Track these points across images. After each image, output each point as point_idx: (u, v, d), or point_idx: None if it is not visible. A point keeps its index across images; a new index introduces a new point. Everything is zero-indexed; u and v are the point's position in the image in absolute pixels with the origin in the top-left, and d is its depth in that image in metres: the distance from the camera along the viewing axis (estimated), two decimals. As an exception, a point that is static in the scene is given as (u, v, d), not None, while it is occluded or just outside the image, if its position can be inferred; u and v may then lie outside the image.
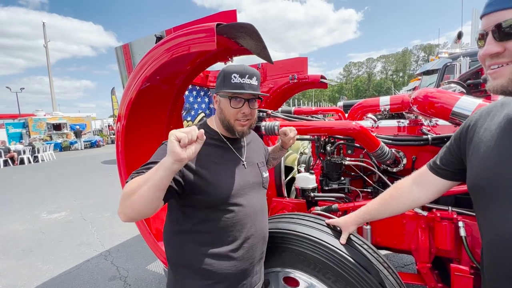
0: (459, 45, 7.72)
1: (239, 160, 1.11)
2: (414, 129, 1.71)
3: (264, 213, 1.17)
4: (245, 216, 1.05)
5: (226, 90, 1.00)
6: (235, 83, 0.99)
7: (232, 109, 1.02)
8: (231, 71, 1.01)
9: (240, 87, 0.99)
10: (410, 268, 2.74)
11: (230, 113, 1.04)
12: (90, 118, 24.70)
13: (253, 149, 1.22)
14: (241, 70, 1.01)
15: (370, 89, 74.41)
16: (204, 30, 1.14)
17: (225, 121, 1.06)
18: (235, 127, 1.05)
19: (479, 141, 0.72)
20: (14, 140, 17.56)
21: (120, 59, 2.15)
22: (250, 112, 1.05)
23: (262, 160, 1.25)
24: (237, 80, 0.99)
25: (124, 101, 1.60)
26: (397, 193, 0.99)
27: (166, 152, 0.80)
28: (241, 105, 1.02)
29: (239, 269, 1.03)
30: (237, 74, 0.99)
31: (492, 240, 0.65)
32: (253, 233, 1.07)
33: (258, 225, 1.10)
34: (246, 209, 1.05)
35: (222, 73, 1.04)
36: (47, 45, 28.70)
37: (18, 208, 5.78)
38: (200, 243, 1.00)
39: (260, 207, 1.13)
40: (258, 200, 1.13)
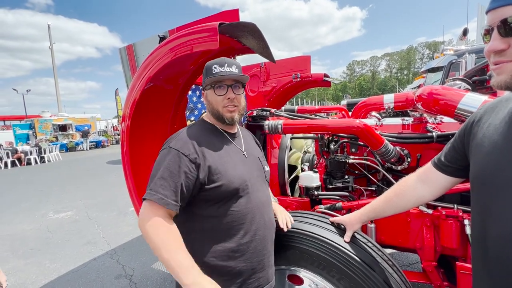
0: (464, 42, 7.62)
1: (240, 151, 1.15)
2: (419, 126, 1.70)
3: (270, 205, 1.20)
4: (254, 207, 1.07)
5: (208, 79, 1.05)
6: (216, 73, 1.05)
7: (217, 97, 1.07)
8: (211, 63, 1.07)
9: (220, 74, 1.05)
10: (415, 267, 2.72)
11: (216, 101, 1.08)
12: (95, 119, 24.94)
13: (249, 143, 1.25)
14: (220, 61, 1.07)
15: (374, 87, 73.83)
16: (207, 30, 1.15)
17: (214, 111, 1.10)
18: (224, 114, 1.09)
19: (483, 136, 0.71)
20: (21, 141, 17.83)
21: (124, 60, 2.17)
22: (235, 97, 1.08)
23: (262, 155, 1.28)
24: (218, 69, 1.05)
25: (128, 102, 1.62)
26: (401, 190, 0.98)
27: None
28: (225, 92, 1.06)
29: (254, 261, 1.05)
30: (216, 65, 1.05)
31: (499, 235, 0.64)
32: (263, 224, 1.09)
33: (267, 215, 1.13)
34: (254, 200, 1.07)
35: (204, 69, 1.10)
36: (52, 47, 29.04)
37: (25, 208, 5.87)
38: (211, 241, 1.01)
39: (266, 200, 1.16)
40: (263, 193, 1.15)
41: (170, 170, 0.96)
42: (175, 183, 0.95)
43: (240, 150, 1.15)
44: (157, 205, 0.93)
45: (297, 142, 2.38)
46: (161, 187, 0.94)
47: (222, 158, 1.05)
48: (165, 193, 0.94)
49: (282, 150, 2.03)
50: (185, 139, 1.03)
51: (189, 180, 0.96)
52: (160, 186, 0.94)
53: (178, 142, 1.01)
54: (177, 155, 0.98)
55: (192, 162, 0.98)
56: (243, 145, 1.18)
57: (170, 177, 0.95)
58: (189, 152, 0.99)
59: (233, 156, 1.09)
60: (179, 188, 0.95)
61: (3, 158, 12.80)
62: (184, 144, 1.00)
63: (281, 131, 1.74)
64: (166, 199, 0.93)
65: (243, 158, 1.13)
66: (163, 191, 0.94)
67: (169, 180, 0.95)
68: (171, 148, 1.00)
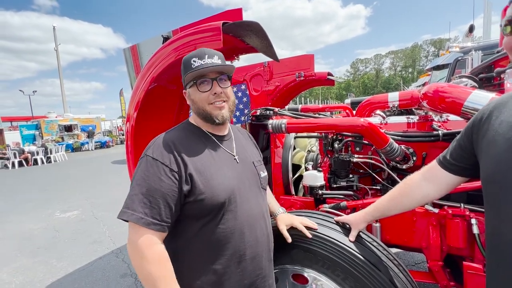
0: (470, 38, 7.51)
1: (230, 155, 1.01)
2: (424, 125, 1.68)
3: (264, 218, 1.05)
4: (243, 222, 0.94)
5: (189, 75, 0.93)
6: (196, 67, 0.92)
7: (202, 94, 0.94)
8: (189, 57, 0.95)
9: (202, 68, 0.92)
10: (421, 267, 2.69)
11: (201, 99, 0.95)
12: (99, 119, 25.19)
13: (244, 145, 1.12)
14: (198, 53, 0.95)
15: (378, 85, 73.23)
16: (210, 29, 1.15)
17: (200, 111, 0.97)
18: (212, 113, 0.95)
19: (496, 133, 0.68)
20: (27, 141, 18.11)
21: (128, 60, 2.19)
22: (222, 91, 0.95)
23: (258, 159, 1.15)
24: (198, 63, 0.93)
25: (132, 102, 1.63)
26: (406, 189, 0.97)
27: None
28: (210, 86, 0.94)
29: (245, 284, 0.95)
30: (195, 58, 0.93)
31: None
32: (254, 240, 0.96)
33: (259, 231, 0.99)
34: (243, 215, 0.95)
35: (182, 65, 0.98)
36: (57, 48, 29.38)
37: (32, 207, 5.96)
38: (196, 264, 0.91)
39: (259, 212, 1.02)
40: (256, 204, 1.02)
41: (149, 182, 0.84)
42: (155, 198, 0.83)
43: (231, 155, 1.01)
44: (138, 226, 0.82)
45: (301, 141, 2.37)
46: (139, 204, 0.82)
47: (206, 166, 0.91)
48: (145, 211, 0.82)
49: (286, 149, 2.02)
50: (164, 145, 0.91)
51: (172, 194, 0.85)
52: (139, 203, 0.83)
53: (156, 149, 0.89)
54: (155, 164, 0.86)
55: (173, 171, 0.86)
56: (235, 148, 1.04)
57: (149, 191, 0.83)
58: (169, 161, 0.87)
59: (221, 163, 0.96)
60: (162, 203, 0.83)
61: (10, 159, 13.01)
62: (162, 151, 0.89)
63: (284, 130, 1.73)
64: (146, 218, 0.81)
65: (233, 164, 1.00)
66: (142, 209, 0.82)
67: (148, 195, 0.83)
68: (148, 157, 0.88)
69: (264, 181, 1.10)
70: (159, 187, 0.83)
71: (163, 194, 0.83)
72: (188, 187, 0.86)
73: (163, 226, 0.84)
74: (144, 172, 0.86)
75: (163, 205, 0.83)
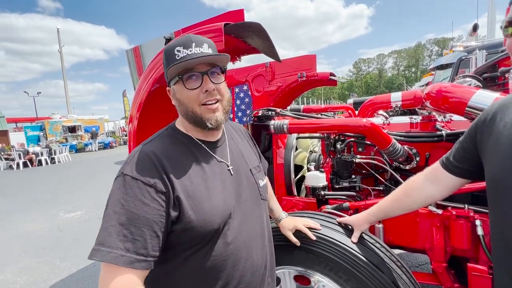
0: (474, 37, 7.45)
1: (224, 166, 0.85)
2: (428, 125, 1.67)
3: (264, 237, 0.91)
4: (238, 247, 0.80)
5: (172, 68, 0.75)
6: (181, 58, 0.74)
7: (190, 92, 0.76)
8: (173, 46, 0.76)
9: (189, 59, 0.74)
10: (425, 268, 2.67)
11: (190, 98, 0.76)
12: (103, 120, 25.42)
13: (240, 148, 0.96)
14: (184, 41, 0.76)
15: (381, 85, 72.93)
16: (212, 30, 1.16)
17: (189, 114, 0.78)
18: (204, 116, 0.77)
19: (500, 136, 0.67)
20: (32, 142, 18.31)
21: (131, 62, 2.20)
22: (215, 87, 0.77)
23: (257, 164, 0.98)
24: (183, 53, 0.74)
25: (135, 103, 1.64)
26: (409, 190, 0.97)
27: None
28: (200, 83, 0.76)
29: None
30: (180, 47, 0.75)
31: None
32: (250, 266, 0.82)
33: (256, 255, 0.85)
34: (238, 239, 0.80)
35: (163, 56, 0.79)
36: (61, 50, 29.67)
37: (37, 208, 6.02)
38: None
39: (257, 230, 0.88)
40: (255, 221, 0.88)
41: (129, 209, 0.66)
42: (138, 227, 0.66)
43: (225, 165, 0.85)
44: (115, 267, 0.64)
45: (303, 142, 2.36)
46: (118, 237, 0.64)
47: (197, 185, 0.75)
48: (126, 245, 0.64)
49: (288, 150, 2.02)
50: (145, 159, 0.72)
51: (160, 220, 0.68)
52: (117, 236, 0.64)
53: (136, 166, 0.71)
54: (136, 185, 0.68)
55: (159, 192, 0.69)
56: (229, 155, 0.88)
57: (131, 220, 0.66)
58: (153, 180, 0.69)
59: (214, 180, 0.80)
60: (147, 234, 0.66)
61: (15, 159, 13.15)
62: (143, 167, 0.71)
63: (286, 131, 1.73)
64: (128, 255, 0.64)
65: (227, 177, 0.83)
66: (122, 244, 0.64)
67: (129, 225, 0.65)
68: (126, 176, 0.70)
69: (264, 190, 0.96)
70: (143, 213, 0.66)
71: (149, 222, 0.67)
72: (176, 213, 0.71)
73: (149, 263, 0.67)
74: (122, 195, 0.68)
75: (149, 235, 0.66)
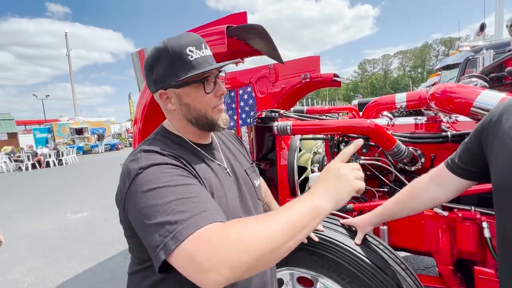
0: (482, 37, 7.34)
1: (221, 168, 0.81)
2: (433, 126, 1.65)
3: None
4: None
5: (189, 74, 0.69)
6: (196, 60, 0.70)
7: (206, 96, 0.73)
8: (181, 45, 0.69)
9: (207, 61, 0.72)
10: (431, 271, 2.63)
11: (207, 102, 0.74)
12: (109, 122, 25.72)
13: (232, 151, 0.93)
14: (194, 40, 0.72)
15: (386, 86, 72.31)
16: (215, 33, 1.17)
17: (201, 118, 0.75)
18: (214, 118, 0.76)
19: (506, 137, 0.67)
20: (40, 144, 18.63)
21: (136, 64, 2.23)
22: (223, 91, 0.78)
23: (250, 165, 0.96)
24: (197, 54, 0.70)
25: (140, 105, 1.66)
26: (414, 192, 0.96)
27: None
28: (214, 86, 0.74)
29: None
30: (192, 47, 0.70)
31: None
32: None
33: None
34: None
35: (165, 55, 0.70)
36: (69, 54, 30.22)
37: (45, 209, 6.12)
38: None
39: None
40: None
41: (176, 182, 0.59)
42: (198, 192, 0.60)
43: (223, 168, 0.82)
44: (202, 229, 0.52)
45: (307, 143, 2.36)
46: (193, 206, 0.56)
47: (213, 181, 0.73)
48: (206, 206, 0.57)
49: (291, 151, 2.02)
50: (155, 152, 0.67)
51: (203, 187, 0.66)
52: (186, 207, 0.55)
53: (153, 156, 0.65)
54: (166, 167, 0.62)
55: (189, 171, 0.66)
56: (224, 158, 0.85)
57: (182, 194, 0.57)
58: (177, 162, 0.66)
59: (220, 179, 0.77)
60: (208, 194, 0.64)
61: (24, 161, 13.40)
62: (161, 156, 0.66)
63: (290, 132, 1.73)
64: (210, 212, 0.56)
65: (228, 177, 0.81)
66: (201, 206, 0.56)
67: (182, 198, 0.56)
68: (148, 168, 0.62)
69: (259, 190, 0.94)
70: (192, 186, 0.60)
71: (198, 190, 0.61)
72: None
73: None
74: (157, 183, 0.58)
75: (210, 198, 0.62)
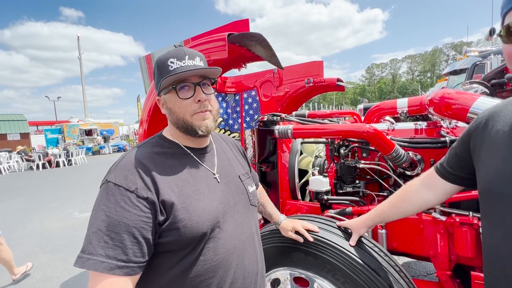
0: (491, 42, 7.23)
1: (211, 175, 0.86)
2: (432, 131, 1.66)
3: (255, 242, 0.92)
4: (228, 251, 0.81)
5: (166, 79, 0.78)
6: (174, 70, 0.78)
7: (183, 101, 0.80)
8: (166, 58, 0.80)
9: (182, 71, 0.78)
10: (433, 277, 2.60)
11: (183, 107, 0.80)
12: (118, 124, 26.23)
13: (229, 157, 0.98)
14: (177, 53, 0.80)
15: (394, 91, 71.49)
16: (217, 40, 1.22)
17: (180, 122, 0.82)
18: (194, 123, 0.81)
19: (493, 143, 0.68)
20: (51, 144, 19.13)
21: (143, 68, 2.31)
22: (206, 98, 0.82)
23: (245, 171, 1.01)
24: (177, 65, 0.78)
25: (146, 107, 1.73)
26: (406, 195, 0.98)
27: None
28: (192, 93, 0.80)
29: None
30: (173, 59, 0.79)
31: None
32: (242, 271, 0.83)
33: (248, 260, 0.86)
34: (229, 243, 0.81)
35: (155, 66, 0.83)
36: (80, 57, 31.02)
37: (54, 207, 6.28)
38: None
39: (249, 235, 0.89)
40: (246, 226, 0.89)
41: (109, 215, 0.68)
42: (118, 233, 0.67)
43: (211, 173, 0.87)
44: (98, 274, 0.65)
45: (308, 147, 2.39)
46: (99, 244, 0.66)
47: (184, 190, 0.77)
48: (107, 252, 0.65)
49: (292, 154, 2.05)
50: (129, 167, 0.74)
51: (141, 226, 0.69)
52: (98, 242, 0.66)
53: (120, 173, 0.73)
54: (118, 192, 0.70)
55: (141, 198, 0.70)
56: (216, 163, 0.90)
57: (111, 226, 0.67)
58: (136, 186, 0.71)
59: (201, 185, 0.82)
60: (127, 240, 0.67)
61: (35, 161, 13.77)
62: (127, 174, 0.73)
63: (291, 136, 1.76)
64: (108, 261, 0.65)
65: (214, 182, 0.85)
66: (102, 250, 0.65)
67: (110, 231, 0.66)
68: (109, 183, 0.72)
69: (253, 196, 0.97)
70: (123, 219, 0.67)
71: (129, 228, 0.67)
72: (163, 217, 0.72)
73: (131, 268, 0.67)
74: (104, 202, 0.70)
75: (129, 241, 0.67)
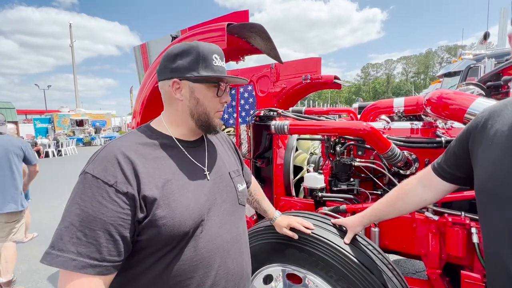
0: (485, 46, 7.35)
1: (200, 170, 0.83)
2: (428, 131, 1.67)
3: (241, 243, 0.88)
4: (210, 251, 0.77)
5: (210, 74, 0.77)
6: (217, 67, 0.79)
7: (216, 98, 0.82)
8: (210, 50, 0.79)
9: (223, 72, 0.82)
10: (422, 275, 2.65)
11: (214, 103, 0.82)
12: (110, 115, 25.73)
13: (220, 153, 0.95)
14: (218, 50, 0.82)
15: (388, 91, 72.29)
16: (216, 30, 1.18)
17: (202, 115, 0.81)
18: (215, 121, 0.84)
19: (491, 142, 0.68)
20: (40, 134, 18.65)
21: (138, 58, 2.25)
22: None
23: (236, 169, 0.97)
24: (219, 63, 0.80)
25: (139, 98, 1.68)
26: (403, 194, 0.98)
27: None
28: (222, 93, 0.83)
29: None
30: (217, 55, 0.80)
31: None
32: (224, 273, 0.79)
33: (232, 262, 0.82)
34: (212, 243, 0.78)
35: (194, 52, 0.77)
36: (72, 45, 30.17)
37: (42, 198, 6.15)
38: None
39: (234, 236, 0.85)
40: (232, 225, 0.86)
41: (84, 209, 0.63)
42: (92, 230, 0.62)
43: (200, 167, 0.84)
44: (69, 272, 0.61)
45: (304, 143, 2.38)
46: (70, 240, 0.61)
47: (167, 184, 0.73)
48: (78, 249, 0.61)
49: (288, 151, 2.04)
50: (109, 157, 0.70)
51: (118, 223, 0.64)
52: (70, 238, 0.61)
53: (99, 164, 0.69)
54: (96, 184, 0.65)
55: (120, 193, 0.66)
56: (206, 159, 0.87)
57: (85, 222, 0.62)
58: (115, 180, 0.66)
59: (187, 180, 0.78)
60: (102, 237, 0.63)
61: (23, 150, 13.42)
62: (107, 166, 0.68)
63: (287, 132, 1.74)
64: (79, 259, 0.60)
65: (201, 178, 0.82)
66: (74, 247, 0.61)
67: (83, 227, 0.62)
68: (87, 174, 0.68)
69: (242, 195, 0.94)
70: (99, 215, 0.63)
71: (104, 224, 0.63)
72: (143, 214, 0.68)
73: (105, 268, 0.63)
74: (80, 195, 0.65)
75: (104, 239, 0.63)
